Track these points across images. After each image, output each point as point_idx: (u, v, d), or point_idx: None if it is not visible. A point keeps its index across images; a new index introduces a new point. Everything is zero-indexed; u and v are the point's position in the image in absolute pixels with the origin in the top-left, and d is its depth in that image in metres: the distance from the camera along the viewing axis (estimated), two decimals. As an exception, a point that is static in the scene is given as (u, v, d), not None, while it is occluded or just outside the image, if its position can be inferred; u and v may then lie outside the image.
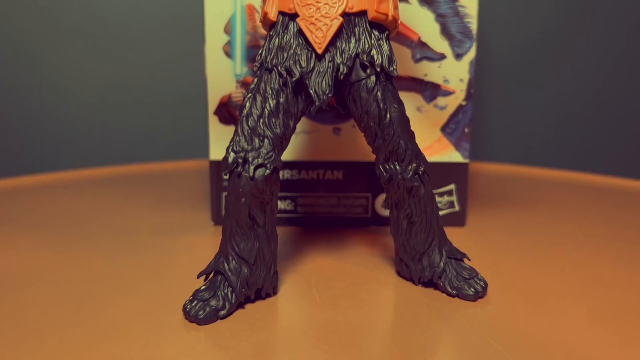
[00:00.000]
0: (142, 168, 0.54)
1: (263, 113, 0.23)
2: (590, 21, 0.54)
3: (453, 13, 0.34)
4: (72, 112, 0.56)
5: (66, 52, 0.55)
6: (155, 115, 0.57)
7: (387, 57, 0.23)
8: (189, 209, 0.40)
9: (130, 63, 0.56)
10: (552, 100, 0.57)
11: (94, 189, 0.46)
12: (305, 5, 0.22)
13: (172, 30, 0.56)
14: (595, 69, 0.56)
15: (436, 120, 0.35)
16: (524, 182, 0.49)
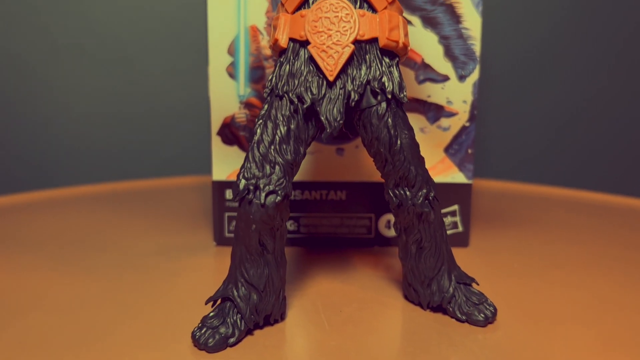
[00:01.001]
0: (142, 185, 0.53)
1: (274, 140, 0.23)
2: (590, 43, 0.55)
3: (457, 35, 0.34)
4: (70, 128, 0.56)
5: (64, 67, 0.55)
6: (155, 130, 0.57)
7: (397, 84, 0.23)
8: (190, 228, 0.40)
9: (130, 78, 0.56)
10: (554, 118, 0.58)
11: (94, 206, 0.45)
12: (316, 33, 0.22)
13: (172, 44, 0.56)
14: (598, 88, 0.57)
15: (440, 141, 0.35)
16: (526, 200, 0.49)
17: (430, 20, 0.34)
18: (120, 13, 0.55)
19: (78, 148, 0.56)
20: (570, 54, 0.55)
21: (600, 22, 0.55)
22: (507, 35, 0.53)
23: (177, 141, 0.58)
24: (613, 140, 0.58)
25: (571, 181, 0.58)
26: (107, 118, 0.56)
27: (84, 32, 0.55)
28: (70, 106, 0.56)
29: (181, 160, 0.58)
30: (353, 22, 0.22)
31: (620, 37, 0.55)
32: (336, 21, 0.22)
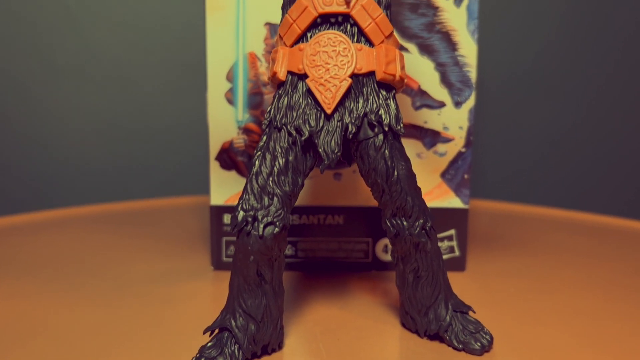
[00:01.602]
0: (139, 205, 0.53)
1: (272, 171, 0.23)
2: (582, 67, 0.56)
3: (453, 62, 0.34)
4: (68, 147, 0.56)
5: (62, 87, 0.55)
6: (152, 150, 0.57)
7: (394, 116, 0.23)
8: (187, 251, 0.40)
9: (128, 98, 0.56)
10: (550, 139, 0.58)
11: (92, 227, 0.45)
12: (314, 67, 0.23)
13: (170, 64, 0.56)
14: (592, 110, 0.57)
15: (436, 166, 0.35)
16: (523, 221, 0.49)
17: (426, 47, 0.34)
18: (119, 34, 0.55)
19: (76, 167, 0.56)
20: (562, 79, 0.56)
21: (592, 46, 0.56)
22: (502, 61, 0.54)
23: (174, 161, 0.58)
24: (609, 161, 0.59)
25: (567, 202, 0.59)
26: (105, 138, 0.57)
27: (83, 52, 0.55)
28: (68, 126, 0.56)
29: (179, 180, 0.58)
30: (350, 56, 0.23)
31: (612, 60, 0.56)
32: (334, 55, 0.23)
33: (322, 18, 0.23)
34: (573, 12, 0.55)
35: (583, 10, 0.55)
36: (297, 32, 0.23)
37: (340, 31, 0.23)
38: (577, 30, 0.55)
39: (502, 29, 0.53)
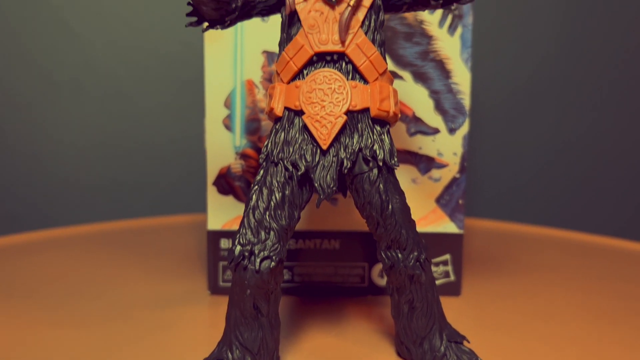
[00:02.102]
0: (136, 224, 0.54)
1: (269, 206, 0.23)
2: (577, 91, 0.57)
3: (446, 90, 0.35)
4: (65, 165, 0.56)
5: (61, 106, 0.56)
6: (150, 168, 0.58)
7: (388, 151, 0.24)
8: (184, 274, 0.40)
9: (127, 116, 0.57)
10: (546, 157, 0.59)
11: (88, 247, 0.45)
12: (310, 104, 0.23)
13: (169, 82, 0.57)
14: (586, 131, 0.58)
15: (431, 191, 0.36)
16: (517, 241, 0.50)
17: (420, 75, 0.35)
18: (119, 52, 0.56)
19: (73, 184, 0.57)
20: (554, 103, 0.57)
21: (583, 72, 0.57)
22: (496, 88, 0.55)
23: (172, 179, 0.58)
24: (603, 181, 0.59)
25: (561, 221, 0.59)
26: (102, 155, 0.57)
27: (81, 70, 0.55)
28: (66, 143, 0.56)
29: (176, 197, 0.58)
30: (345, 93, 0.23)
31: (604, 84, 0.57)
32: (329, 92, 0.23)
33: (318, 56, 0.24)
34: (564, 38, 0.56)
35: (574, 35, 0.56)
36: (294, 70, 0.24)
37: (336, 69, 0.24)
38: (568, 56, 0.56)
39: (494, 55, 0.54)
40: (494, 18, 0.54)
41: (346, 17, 0.23)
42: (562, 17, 0.56)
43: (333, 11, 0.23)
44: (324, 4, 0.23)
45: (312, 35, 0.23)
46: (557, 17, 0.56)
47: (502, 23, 0.55)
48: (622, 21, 0.57)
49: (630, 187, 0.60)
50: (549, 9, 0.55)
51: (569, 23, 0.56)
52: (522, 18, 0.55)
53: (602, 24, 0.57)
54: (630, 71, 0.57)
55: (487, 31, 0.53)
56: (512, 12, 0.55)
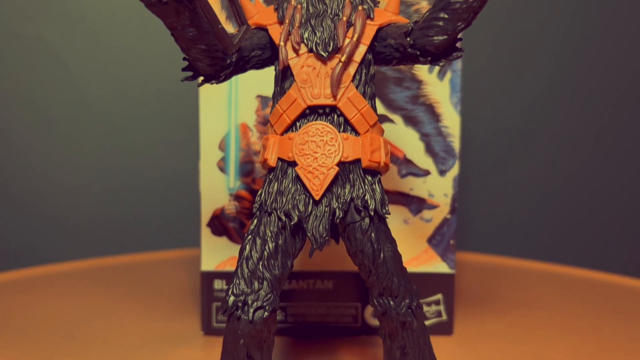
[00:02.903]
0: (129, 260, 0.54)
1: (262, 255, 0.24)
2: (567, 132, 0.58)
3: (436, 133, 0.36)
4: (60, 201, 0.57)
5: (56, 142, 0.56)
6: (144, 203, 0.58)
7: (379, 201, 0.24)
8: (178, 313, 0.40)
9: (122, 152, 0.57)
10: (537, 193, 0.60)
11: (81, 285, 0.45)
12: (303, 155, 0.24)
13: (164, 117, 0.58)
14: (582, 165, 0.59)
15: (422, 232, 0.36)
16: (509, 276, 0.50)
17: (411, 118, 0.36)
18: (114, 90, 0.56)
19: (68, 220, 0.57)
20: (544, 143, 0.58)
21: (573, 112, 0.58)
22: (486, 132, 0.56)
23: (166, 214, 0.59)
24: (596, 216, 0.60)
25: (555, 256, 0.60)
26: (96, 192, 0.57)
27: (77, 108, 0.56)
28: (60, 180, 0.57)
29: (170, 232, 0.59)
30: (337, 145, 0.24)
31: (593, 125, 0.58)
32: (322, 144, 0.24)
33: (311, 109, 0.24)
34: (551, 82, 0.57)
35: (561, 79, 0.57)
36: (287, 122, 0.24)
37: (328, 121, 0.24)
38: (556, 99, 0.58)
39: (483, 98, 0.56)
40: (483, 63, 0.56)
41: (337, 72, 0.24)
42: (549, 61, 0.58)
43: (325, 66, 0.24)
44: (316, 59, 0.24)
45: (305, 89, 0.24)
46: (544, 60, 0.58)
47: (490, 67, 0.57)
48: (608, 62, 0.58)
49: (621, 222, 0.60)
50: (536, 53, 0.57)
51: (555, 66, 0.58)
52: (510, 63, 0.57)
53: (591, 64, 0.58)
54: (618, 111, 0.59)
55: (476, 75, 0.55)
56: (500, 56, 0.57)
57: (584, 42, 0.58)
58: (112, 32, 0.56)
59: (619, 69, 0.59)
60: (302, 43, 0.24)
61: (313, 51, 0.24)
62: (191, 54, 0.23)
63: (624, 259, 0.60)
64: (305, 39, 0.24)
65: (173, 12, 0.21)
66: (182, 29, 0.22)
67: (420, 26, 0.23)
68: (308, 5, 0.24)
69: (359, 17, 0.24)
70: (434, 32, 0.23)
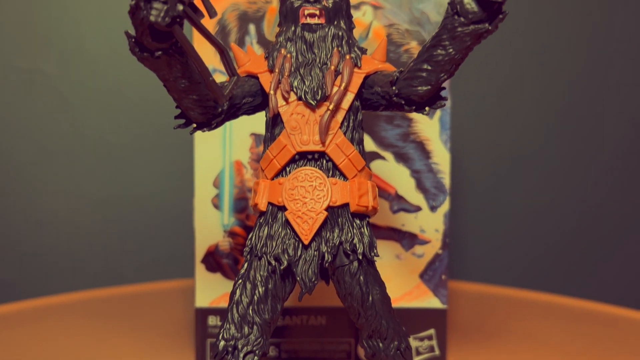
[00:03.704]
0: (125, 291, 0.54)
1: (252, 300, 0.24)
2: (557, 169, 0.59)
3: (427, 169, 0.36)
4: (55, 232, 0.57)
5: (52, 173, 0.57)
6: (140, 233, 0.58)
7: (368, 244, 0.25)
8: (171, 348, 0.40)
9: (118, 182, 0.58)
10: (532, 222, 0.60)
11: (75, 319, 0.45)
12: (293, 200, 0.24)
13: (160, 148, 0.58)
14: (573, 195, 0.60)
15: (414, 267, 0.37)
16: (503, 306, 0.50)
17: (402, 155, 0.36)
18: (111, 120, 0.57)
19: (64, 250, 0.57)
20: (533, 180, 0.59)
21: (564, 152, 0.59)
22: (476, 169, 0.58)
23: (161, 243, 0.59)
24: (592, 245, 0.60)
25: (548, 286, 0.60)
26: (93, 220, 0.58)
27: (73, 139, 0.57)
28: (54, 210, 0.57)
29: (166, 262, 0.59)
30: (326, 190, 0.25)
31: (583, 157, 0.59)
32: (311, 190, 0.25)
33: (300, 155, 0.25)
34: (538, 122, 0.59)
35: (551, 113, 0.59)
36: (277, 167, 0.25)
37: (317, 166, 0.25)
38: (544, 139, 0.59)
39: (473, 135, 0.57)
40: (472, 101, 0.58)
41: (326, 120, 0.24)
42: (537, 99, 0.59)
43: (314, 114, 0.25)
44: (305, 107, 0.25)
45: (294, 136, 0.25)
46: (533, 98, 0.59)
47: (479, 105, 0.58)
48: (597, 99, 0.59)
49: (614, 252, 0.61)
50: (525, 91, 0.58)
51: (543, 104, 0.59)
52: (499, 100, 0.58)
53: (579, 101, 0.59)
54: (606, 144, 0.59)
55: (465, 113, 0.56)
56: (489, 94, 0.58)
57: (572, 79, 0.59)
58: (110, 65, 0.57)
59: (608, 104, 0.60)
60: (291, 91, 0.25)
61: (302, 99, 0.25)
62: (183, 103, 0.24)
63: (620, 289, 0.60)
64: (295, 87, 0.25)
65: (165, 65, 0.22)
66: (174, 81, 0.23)
67: (405, 76, 0.24)
68: (297, 55, 0.25)
69: (347, 66, 0.25)
70: (417, 83, 0.23)
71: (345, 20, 0.26)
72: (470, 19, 0.22)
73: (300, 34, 0.25)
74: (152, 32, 0.21)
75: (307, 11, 0.25)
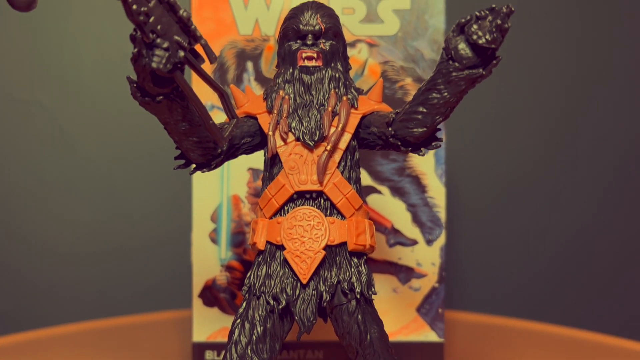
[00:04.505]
0: (121, 322, 0.53)
1: (251, 340, 0.24)
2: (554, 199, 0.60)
3: (423, 203, 0.37)
4: (51, 264, 0.57)
5: (50, 204, 0.57)
6: (136, 264, 0.58)
7: (365, 283, 0.25)
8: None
9: (116, 213, 0.58)
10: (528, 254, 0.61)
11: (71, 350, 0.45)
12: (291, 240, 0.25)
13: (157, 183, 0.58)
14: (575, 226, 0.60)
15: (411, 301, 0.37)
16: (502, 339, 0.50)
17: (398, 189, 0.37)
18: (109, 153, 0.58)
19: (56, 284, 0.57)
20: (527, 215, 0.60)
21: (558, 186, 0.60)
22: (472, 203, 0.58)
23: (158, 276, 0.59)
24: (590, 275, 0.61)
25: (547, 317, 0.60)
26: (90, 251, 0.57)
27: (72, 171, 0.57)
28: (51, 242, 0.57)
29: (162, 296, 0.58)
30: (324, 229, 0.25)
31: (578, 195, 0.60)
32: (309, 229, 0.25)
33: (298, 194, 0.25)
34: (535, 152, 0.60)
35: (547, 148, 0.60)
36: (276, 206, 0.25)
37: (315, 205, 0.25)
38: (542, 169, 0.60)
39: (468, 169, 0.58)
40: (467, 136, 0.59)
41: (323, 160, 0.25)
42: (532, 134, 0.60)
43: (312, 154, 0.25)
44: (303, 147, 0.25)
45: (293, 175, 0.25)
46: (528, 133, 0.60)
47: (475, 140, 0.59)
48: (592, 132, 0.60)
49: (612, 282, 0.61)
50: (520, 125, 0.60)
51: (539, 139, 0.60)
52: (494, 135, 0.59)
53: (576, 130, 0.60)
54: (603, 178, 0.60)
55: (460, 147, 0.57)
56: (484, 129, 0.59)
57: (568, 113, 0.60)
58: (109, 98, 0.58)
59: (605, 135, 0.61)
60: (289, 132, 0.25)
61: (300, 140, 0.25)
62: (183, 145, 0.24)
63: (619, 319, 0.61)
64: (293, 128, 0.25)
65: (166, 109, 0.22)
66: (175, 124, 0.23)
67: (401, 118, 0.24)
68: (295, 96, 0.26)
69: (344, 107, 0.26)
70: (413, 125, 0.24)
71: (342, 61, 0.27)
72: (465, 64, 0.22)
73: (298, 76, 0.26)
74: (153, 78, 0.21)
75: (304, 54, 0.26)
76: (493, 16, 0.21)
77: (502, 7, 0.21)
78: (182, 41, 0.21)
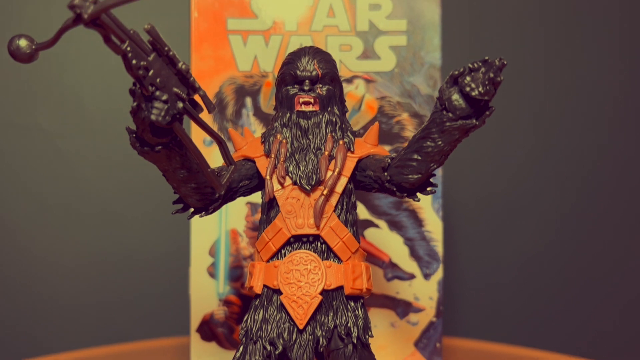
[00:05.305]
0: (119, 350, 0.53)
1: (248, 385, 0.24)
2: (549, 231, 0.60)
3: (420, 237, 0.37)
4: (51, 294, 0.57)
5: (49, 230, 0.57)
6: (136, 290, 0.58)
7: (362, 328, 0.25)
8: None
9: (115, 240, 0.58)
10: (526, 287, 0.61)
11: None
12: (288, 284, 0.25)
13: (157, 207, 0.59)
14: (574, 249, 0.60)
15: (409, 335, 0.37)
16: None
17: (395, 223, 0.37)
18: (109, 179, 0.58)
19: (61, 307, 0.57)
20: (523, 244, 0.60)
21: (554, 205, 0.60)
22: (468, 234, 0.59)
23: (156, 299, 0.59)
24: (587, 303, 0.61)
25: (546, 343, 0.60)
26: (89, 277, 0.57)
27: (72, 197, 0.57)
28: (51, 267, 0.57)
29: (161, 319, 0.58)
30: (321, 274, 0.25)
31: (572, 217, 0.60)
32: (306, 273, 0.25)
33: (295, 238, 0.25)
34: (530, 185, 0.60)
35: (542, 179, 0.60)
36: (273, 250, 0.26)
37: (312, 249, 0.25)
38: (539, 198, 0.60)
39: (464, 204, 0.59)
40: (464, 171, 0.59)
41: (320, 204, 0.25)
42: (527, 167, 0.60)
43: (308, 197, 0.26)
44: (300, 191, 0.26)
45: (290, 219, 0.25)
46: (523, 166, 0.60)
47: (471, 174, 0.60)
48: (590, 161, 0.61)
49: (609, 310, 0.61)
50: (516, 159, 0.60)
51: (534, 169, 0.60)
52: (490, 169, 0.60)
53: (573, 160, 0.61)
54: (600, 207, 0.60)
55: (457, 182, 0.57)
56: (480, 163, 0.60)
57: (563, 145, 0.60)
58: (109, 123, 0.58)
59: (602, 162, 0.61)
60: (287, 176, 0.26)
61: (297, 184, 0.26)
62: (182, 191, 0.25)
63: (618, 345, 0.60)
64: (290, 172, 0.26)
65: (165, 158, 0.23)
66: (174, 171, 0.23)
67: (396, 164, 0.25)
68: (293, 140, 0.26)
69: (340, 151, 0.26)
70: (408, 171, 0.24)
71: (339, 105, 0.27)
72: (458, 115, 0.23)
73: (295, 121, 0.26)
74: (152, 129, 0.21)
75: (302, 99, 0.26)
76: (486, 68, 0.22)
77: (494, 60, 0.21)
78: (181, 93, 0.21)
